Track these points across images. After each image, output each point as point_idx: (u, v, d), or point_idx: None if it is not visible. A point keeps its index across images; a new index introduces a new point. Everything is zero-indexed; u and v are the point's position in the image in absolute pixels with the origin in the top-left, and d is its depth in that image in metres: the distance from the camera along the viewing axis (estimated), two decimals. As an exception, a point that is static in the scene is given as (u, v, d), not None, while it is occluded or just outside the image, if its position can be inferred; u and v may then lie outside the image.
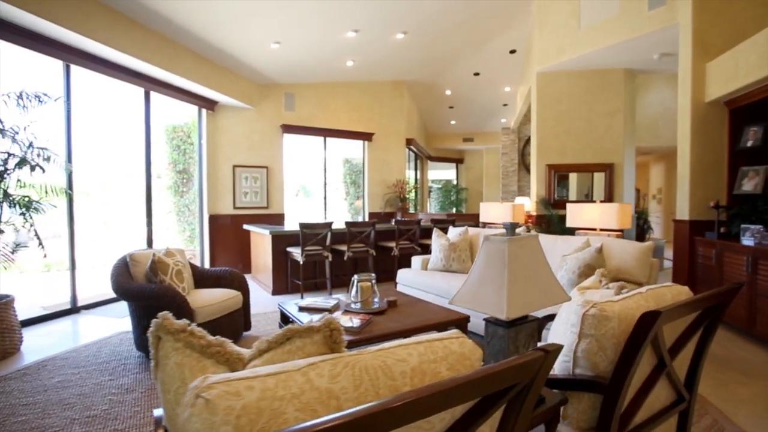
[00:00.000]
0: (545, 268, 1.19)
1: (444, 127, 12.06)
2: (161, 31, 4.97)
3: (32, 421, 2.27)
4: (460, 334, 0.97)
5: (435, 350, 0.89)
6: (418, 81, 9.03)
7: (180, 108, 6.52)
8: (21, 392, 2.61)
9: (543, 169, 6.31)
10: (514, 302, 1.05)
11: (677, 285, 1.57)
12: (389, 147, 8.85)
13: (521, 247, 1.13)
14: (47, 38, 4.04)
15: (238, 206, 7.14)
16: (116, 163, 6.16)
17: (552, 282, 1.19)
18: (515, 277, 1.08)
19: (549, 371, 0.83)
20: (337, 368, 0.79)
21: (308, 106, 7.79)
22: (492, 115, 10.99)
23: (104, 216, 5.97)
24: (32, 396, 2.56)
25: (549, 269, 1.21)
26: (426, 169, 12.71)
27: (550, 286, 1.18)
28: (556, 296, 1.18)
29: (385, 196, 8.82)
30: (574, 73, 6.11)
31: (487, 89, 9.48)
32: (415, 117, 10.37)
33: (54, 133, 4.36)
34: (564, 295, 1.21)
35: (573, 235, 3.85)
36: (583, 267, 2.84)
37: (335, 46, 6.26)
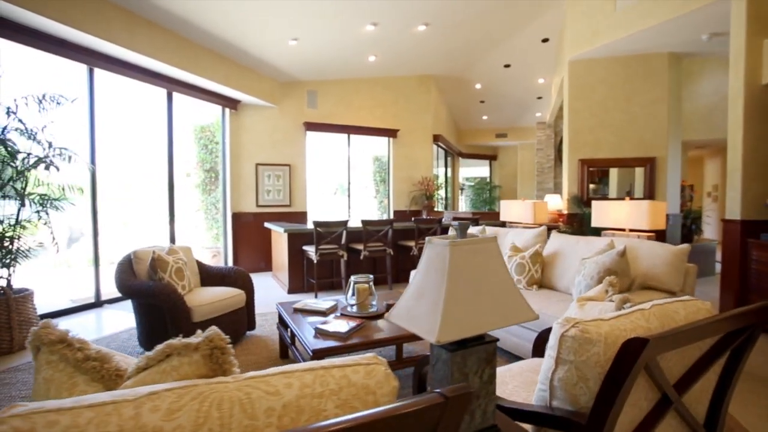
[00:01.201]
0: (504, 279, 0.97)
1: (475, 122, 11.64)
2: (179, 32, 5.05)
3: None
4: (373, 360, 0.78)
5: (327, 381, 0.71)
6: (445, 75, 8.73)
7: (206, 108, 6.65)
8: (23, 384, 2.68)
9: (575, 164, 5.86)
10: (450, 322, 0.84)
11: (697, 300, 1.29)
12: (415, 144, 8.62)
13: (471, 252, 0.92)
14: (72, 44, 4.18)
15: (260, 204, 7.20)
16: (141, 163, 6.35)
17: (513, 296, 0.97)
18: (457, 290, 0.88)
19: (459, 422, 0.63)
20: (182, 400, 0.63)
21: (331, 103, 7.72)
22: (526, 109, 10.46)
23: (128, 214, 6.19)
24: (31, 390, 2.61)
25: (510, 281, 0.99)
26: (457, 167, 12.35)
27: (511, 301, 0.96)
28: (516, 314, 0.96)
29: (410, 194, 8.61)
30: (610, 59, 5.62)
31: (519, 82, 9.01)
32: (443, 113, 10.07)
33: (78, 134, 4.53)
34: (529, 313, 0.98)
35: (599, 236, 3.48)
36: (602, 272, 2.52)
37: (354, 40, 6.13)
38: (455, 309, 0.86)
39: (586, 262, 2.73)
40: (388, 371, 0.77)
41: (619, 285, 2.43)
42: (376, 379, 0.74)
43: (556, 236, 3.46)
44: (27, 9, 3.54)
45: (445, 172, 11.47)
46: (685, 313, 1.19)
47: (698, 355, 1.14)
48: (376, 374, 0.75)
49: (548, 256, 3.38)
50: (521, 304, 0.97)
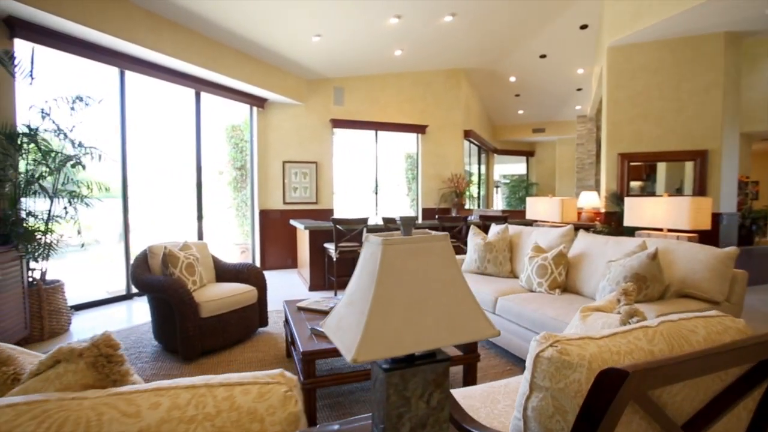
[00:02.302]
0: (456, 286, 0.81)
1: (511, 117, 11.18)
2: (203, 32, 5.14)
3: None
4: (275, 378, 0.66)
5: (205, 402, 0.59)
6: (476, 68, 8.41)
7: (235, 107, 6.79)
8: (43, 373, 2.79)
9: (614, 159, 5.42)
10: (374, 337, 0.70)
11: (724, 317, 1.06)
12: (444, 140, 8.38)
13: (410, 253, 0.77)
14: (103, 47, 4.36)
15: (287, 201, 7.26)
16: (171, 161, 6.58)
17: (467, 308, 0.80)
18: (388, 299, 0.73)
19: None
20: (20, 419, 0.54)
21: (358, 99, 7.65)
22: (564, 102, 9.89)
23: (159, 211, 6.45)
24: (49, 378, 2.71)
25: (465, 289, 0.83)
26: (492, 164, 11.92)
27: (463, 314, 0.79)
28: (469, 330, 0.79)
29: (439, 192, 8.38)
30: (655, 43, 5.13)
31: (556, 73, 8.51)
32: (475, 107, 9.73)
33: (110, 134, 4.73)
34: (486, 329, 0.81)
35: (632, 236, 3.14)
36: (630, 277, 2.25)
37: (378, 34, 6.00)
38: (383, 321, 0.72)
39: (612, 265, 2.45)
40: (289, 393, 0.65)
41: (649, 291, 2.15)
42: (268, 403, 0.61)
43: (584, 236, 3.17)
44: (59, 15, 3.71)
45: (479, 169, 11.10)
46: (706, 333, 0.96)
47: (720, 388, 0.92)
48: (270, 396, 0.62)
49: (574, 257, 3.10)
50: (477, 318, 0.80)
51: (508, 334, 2.90)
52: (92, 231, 6.45)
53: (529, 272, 3.17)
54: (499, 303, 3.01)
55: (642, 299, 2.24)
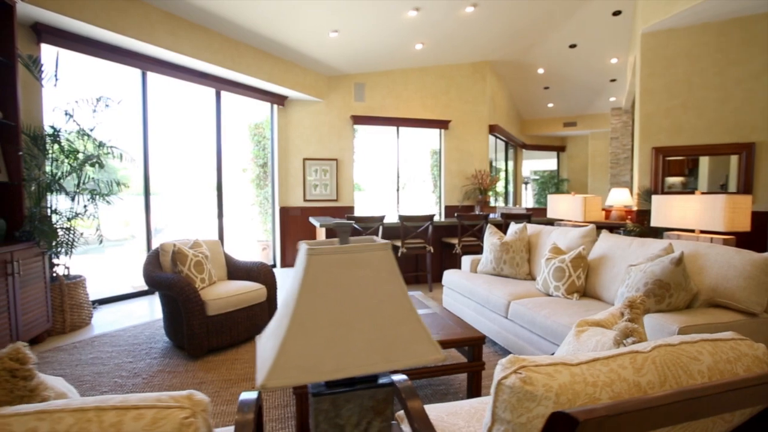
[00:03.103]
0: (397, 303, 0.70)
1: (540, 111, 10.74)
2: (221, 32, 5.19)
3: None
4: (177, 401, 0.58)
5: (89, 428, 0.53)
6: (502, 60, 8.11)
7: (257, 106, 6.86)
8: (59, 364, 2.88)
9: (648, 153, 5.05)
10: (291, 359, 0.61)
11: (742, 341, 0.90)
12: (468, 135, 8.14)
13: (341, 264, 0.67)
14: (124, 50, 4.48)
15: (308, 199, 7.28)
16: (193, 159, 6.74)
17: (408, 329, 0.70)
18: (310, 315, 0.64)
19: None
20: None
21: (379, 95, 7.55)
22: (597, 94, 9.38)
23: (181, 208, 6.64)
24: (63, 368, 2.80)
25: (405, 305, 0.72)
26: (520, 159, 11.53)
27: (403, 335, 0.69)
28: (409, 353, 0.68)
29: (463, 188, 8.16)
30: (695, 28, 4.72)
31: (588, 63, 8.07)
32: (502, 101, 9.40)
33: (133, 133, 4.87)
34: (429, 352, 0.70)
35: (661, 238, 2.88)
36: (651, 284, 2.04)
37: (398, 28, 5.86)
38: (302, 343, 0.62)
39: (632, 269, 2.24)
40: (188, 420, 0.57)
41: (673, 300, 1.95)
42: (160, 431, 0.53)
43: (606, 237, 2.94)
44: (82, 20, 3.83)
45: (506, 165, 10.75)
46: (712, 361, 0.81)
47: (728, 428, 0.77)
48: (164, 423, 0.55)
49: (595, 260, 2.88)
50: (419, 340, 0.69)
51: (520, 341, 2.73)
52: (129, 227, 6.75)
53: (546, 275, 2.98)
54: (511, 307, 2.84)
55: (665, 308, 2.03)
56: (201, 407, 0.61)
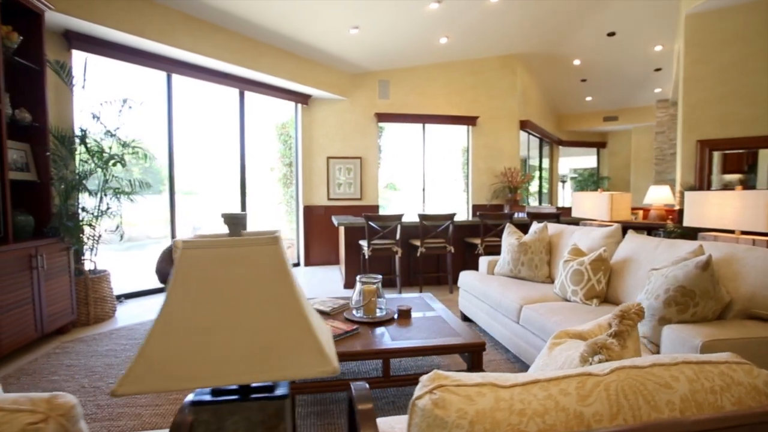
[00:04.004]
0: (283, 305, 0.60)
1: (577, 105, 10.18)
2: (241, 32, 5.27)
3: (59, 381, 2.54)
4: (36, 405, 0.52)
5: None
6: (534, 53, 7.74)
7: (283, 105, 6.94)
8: (77, 354, 3.01)
9: (692, 147, 4.61)
10: (148, 364, 0.53)
11: (743, 364, 0.73)
12: (498, 131, 7.84)
13: (220, 261, 0.58)
14: (148, 53, 4.65)
15: (331, 197, 7.28)
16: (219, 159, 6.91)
17: (293, 335, 0.59)
18: (178, 317, 0.55)
19: None
20: None
21: (404, 92, 7.42)
22: (640, 86, 8.75)
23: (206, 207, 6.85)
24: (79, 359, 2.91)
25: (294, 308, 0.61)
26: (556, 156, 11.00)
27: (286, 342, 0.58)
28: (290, 364, 0.58)
29: (491, 187, 7.87)
30: (746, 6, 4.24)
31: (628, 52, 7.53)
32: (535, 96, 8.99)
33: (159, 134, 5.05)
34: (317, 364, 0.59)
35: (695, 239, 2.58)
36: (672, 291, 1.80)
37: (420, 22, 5.72)
38: (166, 345, 0.54)
39: (653, 274, 2.00)
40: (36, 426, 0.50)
41: (699, 310, 1.71)
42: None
43: (632, 238, 2.67)
44: (107, 26, 4.00)
45: (540, 162, 10.29)
46: (689, 390, 0.64)
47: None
48: (7, 429, 0.48)
49: (618, 262, 2.62)
50: (306, 351, 0.59)
51: (531, 349, 2.53)
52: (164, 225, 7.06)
53: (563, 278, 2.75)
54: (523, 312, 2.65)
55: (689, 319, 1.78)
56: (60, 411, 0.54)
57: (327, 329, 0.74)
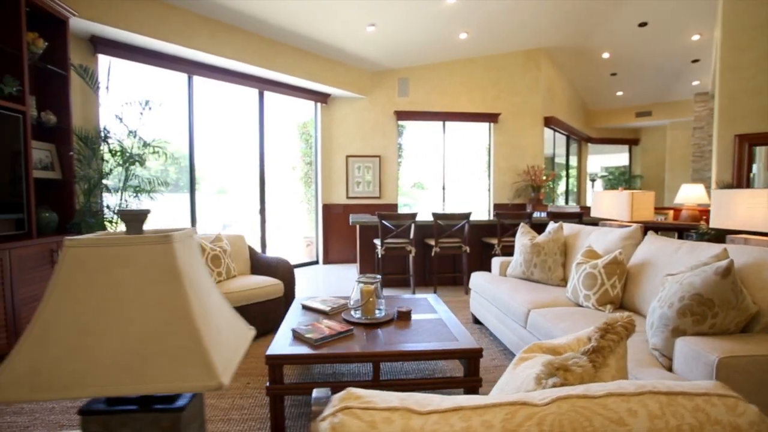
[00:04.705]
0: (169, 310, 0.55)
1: (607, 100, 9.74)
2: (259, 33, 5.33)
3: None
4: None
5: None
6: (560, 46, 7.45)
7: (303, 105, 6.99)
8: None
9: (730, 142, 4.29)
10: (16, 369, 0.49)
11: (726, 397, 0.63)
12: (520, 128, 7.60)
13: (104, 261, 0.54)
14: (170, 56, 4.78)
15: (350, 196, 7.28)
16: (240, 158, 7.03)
17: (174, 343, 0.54)
18: (55, 320, 0.51)
19: None
20: None
21: (424, 90, 7.32)
22: (676, 78, 8.26)
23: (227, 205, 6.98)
24: (93, 353, 3.01)
25: (179, 313, 0.56)
26: (585, 154, 10.57)
27: (164, 350, 0.54)
28: (165, 376, 0.53)
29: (513, 186, 7.64)
30: (794, -13, 3.89)
31: (662, 43, 7.11)
32: (561, 92, 8.66)
33: (180, 134, 5.18)
34: (199, 376, 0.54)
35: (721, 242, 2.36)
36: (688, 299, 1.64)
37: (437, 17, 5.60)
38: (40, 351, 0.51)
39: (668, 280, 1.84)
40: None
41: (718, 321, 1.56)
42: None
43: (651, 240, 2.49)
44: (130, 30, 4.14)
45: (567, 160, 9.91)
46: (648, 429, 0.55)
47: None
48: None
49: (636, 266, 2.45)
50: (190, 360, 0.54)
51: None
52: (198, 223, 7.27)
53: (576, 282, 2.61)
54: (530, 317, 2.52)
55: (707, 331, 1.62)
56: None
57: (237, 337, 0.69)
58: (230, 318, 0.69)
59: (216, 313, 0.63)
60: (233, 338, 0.64)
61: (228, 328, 0.64)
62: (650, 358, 1.71)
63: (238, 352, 0.65)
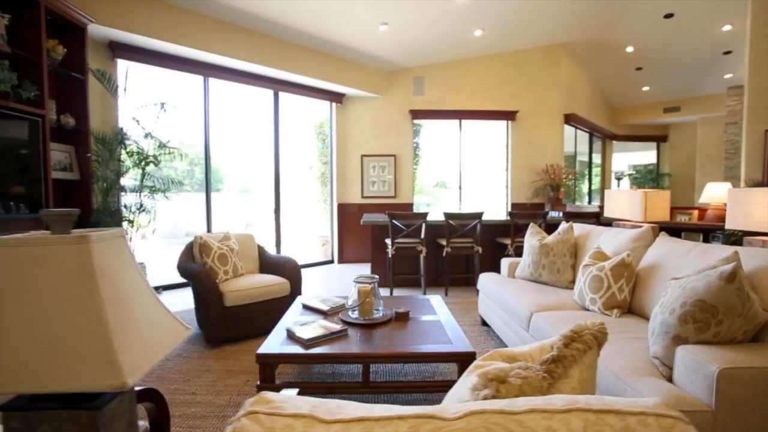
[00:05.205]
0: (78, 310, 0.55)
1: (633, 96, 9.36)
2: (273, 34, 5.40)
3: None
4: None
5: None
6: (581, 41, 7.21)
7: (320, 105, 7.04)
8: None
9: (760, 137, 4.04)
10: None
11: (664, 417, 0.58)
12: (539, 126, 7.41)
13: (14, 260, 0.54)
14: (186, 59, 4.91)
15: (365, 195, 7.28)
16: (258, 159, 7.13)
17: (79, 340, 0.54)
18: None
19: None
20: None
21: (439, 88, 7.24)
22: (707, 71, 7.85)
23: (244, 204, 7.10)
24: (106, 347, 3.12)
25: (88, 312, 0.56)
26: (609, 152, 10.21)
27: (69, 348, 0.53)
28: (66, 375, 0.52)
29: (532, 185, 7.46)
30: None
31: (691, 34, 6.77)
32: (582, 88, 8.39)
33: (196, 136, 5.31)
34: (103, 374, 0.54)
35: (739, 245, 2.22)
36: (690, 305, 1.55)
37: (450, 14, 5.52)
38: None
39: (670, 284, 1.74)
40: None
41: (723, 330, 1.47)
42: None
43: (663, 241, 2.36)
44: (147, 35, 4.28)
45: (589, 159, 9.60)
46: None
47: None
48: None
49: (645, 268, 2.33)
50: (94, 358, 0.53)
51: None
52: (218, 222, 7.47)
53: (582, 284, 2.51)
54: (533, 320, 2.44)
55: (711, 339, 1.52)
56: None
57: (164, 337, 0.68)
58: (160, 319, 0.69)
59: (139, 314, 0.62)
60: (158, 339, 0.64)
61: (152, 328, 0.64)
62: (650, 367, 1.62)
63: (159, 352, 0.64)
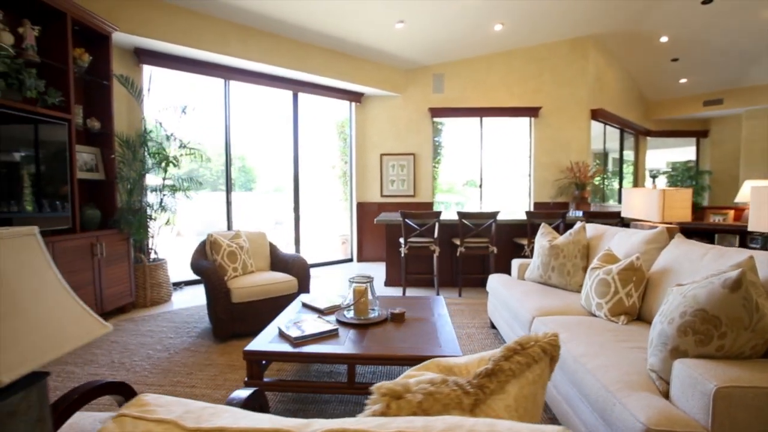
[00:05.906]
0: None
1: (669, 89, 8.84)
2: (290, 36, 5.47)
3: (97, 355, 2.87)
4: None
5: None
6: (610, 33, 6.88)
7: (340, 105, 7.08)
8: (123, 331, 3.40)
9: (803, 132, 3.69)
10: None
11: None
12: (564, 122, 7.14)
13: None
14: (207, 63, 5.06)
15: (384, 194, 7.27)
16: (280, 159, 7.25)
17: None
18: None
19: None
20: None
21: (459, 85, 7.11)
22: (752, 60, 7.29)
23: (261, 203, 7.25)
24: (121, 336, 3.28)
25: None
26: (643, 149, 9.70)
27: None
28: None
29: (556, 183, 7.21)
30: None
31: (732, 21, 6.30)
32: (612, 81, 8.00)
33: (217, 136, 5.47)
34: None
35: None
36: (690, 315, 1.43)
37: (467, 9, 5.40)
38: None
39: (672, 291, 1.62)
40: None
41: (727, 343, 1.36)
42: None
43: (677, 244, 2.21)
44: (169, 41, 4.45)
45: (620, 155, 9.16)
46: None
47: None
48: None
49: (657, 273, 2.19)
50: None
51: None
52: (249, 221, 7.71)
53: (588, 289, 2.39)
54: (534, 325, 2.35)
55: (714, 353, 1.40)
56: None
57: (68, 335, 0.69)
58: (69, 316, 0.70)
59: (37, 312, 0.64)
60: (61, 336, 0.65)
61: (55, 325, 0.65)
62: (645, 381, 1.51)
63: (58, 349, 0.65)
